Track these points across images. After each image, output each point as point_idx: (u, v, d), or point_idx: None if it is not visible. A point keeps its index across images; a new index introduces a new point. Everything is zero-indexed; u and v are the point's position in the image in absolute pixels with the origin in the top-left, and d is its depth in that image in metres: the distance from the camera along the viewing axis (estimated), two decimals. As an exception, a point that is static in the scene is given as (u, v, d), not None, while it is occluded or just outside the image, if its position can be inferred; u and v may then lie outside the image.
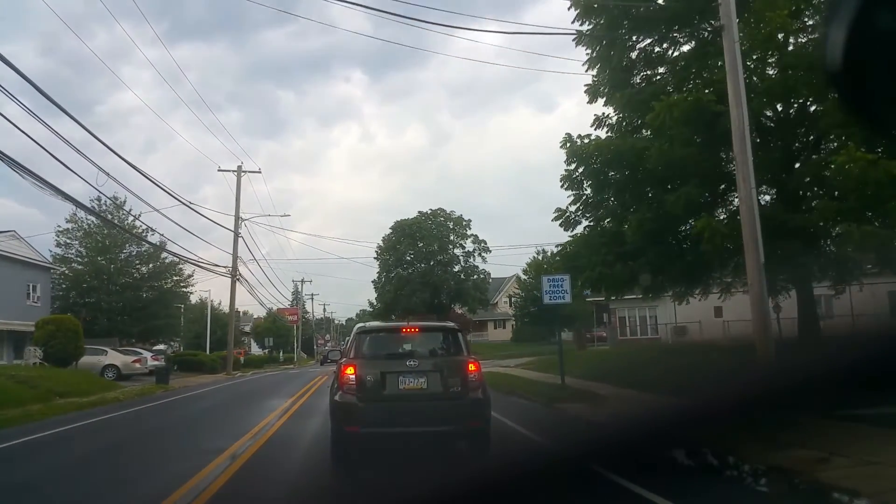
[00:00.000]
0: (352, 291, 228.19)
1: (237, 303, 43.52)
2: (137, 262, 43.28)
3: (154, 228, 50.50)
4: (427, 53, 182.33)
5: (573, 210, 17.32)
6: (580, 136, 16.62)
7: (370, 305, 64.14)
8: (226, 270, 39.24)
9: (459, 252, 59.42)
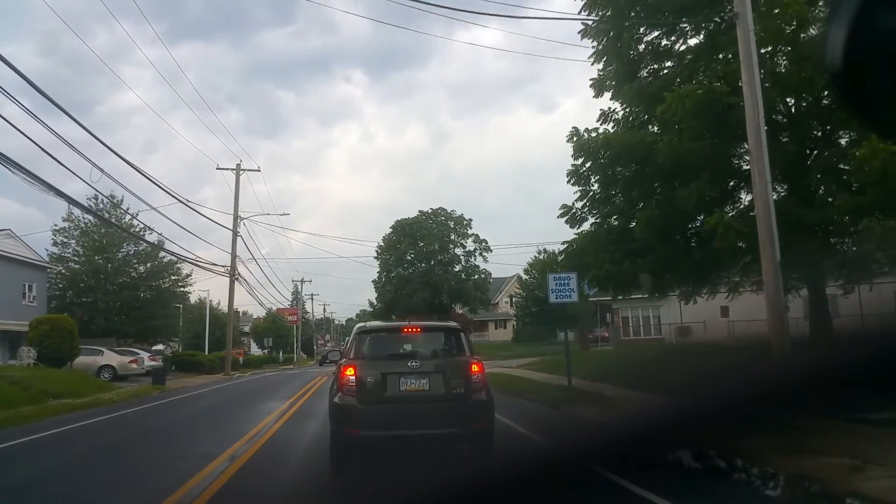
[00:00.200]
0: (352, 291, 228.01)
1: (236, 303, 43.30)
2: (135, 262, 42.78)
3: (152, 228, 50.22)
4: (427, 53, 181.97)
5: (579, 206, 16.99)
6: (587, 130, 16.27)
7: (370, 305, 64.01)
8: (224, 270, 38.95)
9: (460, 252, 59.26)
